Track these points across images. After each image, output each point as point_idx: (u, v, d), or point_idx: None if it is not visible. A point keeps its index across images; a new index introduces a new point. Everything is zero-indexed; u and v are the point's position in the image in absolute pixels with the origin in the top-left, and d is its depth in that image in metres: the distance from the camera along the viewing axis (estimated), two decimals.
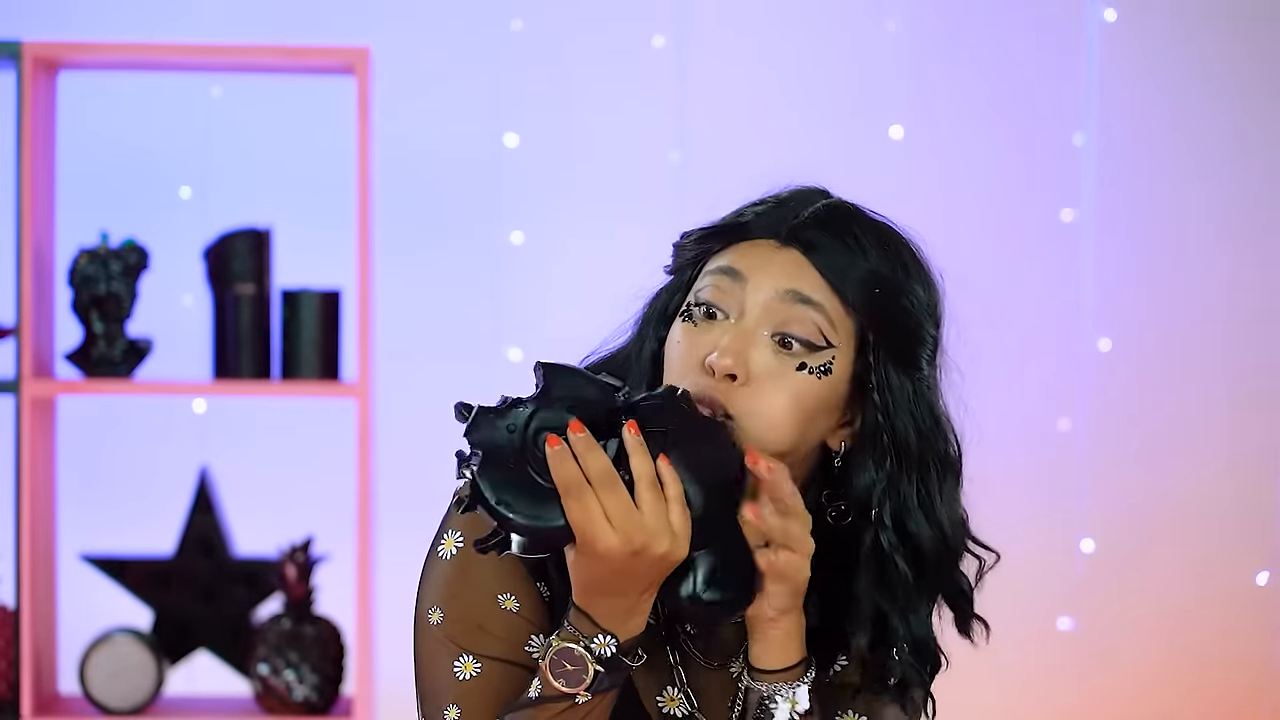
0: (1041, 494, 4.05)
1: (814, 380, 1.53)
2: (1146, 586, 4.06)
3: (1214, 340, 4.08)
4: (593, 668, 1.46)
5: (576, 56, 4.01)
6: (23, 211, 3.11)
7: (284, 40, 3.63)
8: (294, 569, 3.17)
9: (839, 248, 1.56)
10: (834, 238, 1.56)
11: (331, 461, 3.60)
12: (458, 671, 1.53)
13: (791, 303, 1.53)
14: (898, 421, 1.56)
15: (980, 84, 4.07)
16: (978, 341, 1.69)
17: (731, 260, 1.56)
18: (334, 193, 3.65)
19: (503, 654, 1.54)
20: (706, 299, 1.55)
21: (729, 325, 1.54)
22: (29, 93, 3.10)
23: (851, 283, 1.55)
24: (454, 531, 1.57)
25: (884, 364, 1.56)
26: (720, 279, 1.56)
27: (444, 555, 1.56)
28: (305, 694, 3.15)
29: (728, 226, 1.59)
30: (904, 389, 1.57)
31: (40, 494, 3.17)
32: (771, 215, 1.58)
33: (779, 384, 1.52)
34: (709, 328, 1.54)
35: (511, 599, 1.55)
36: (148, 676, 3.17)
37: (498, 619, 1.54)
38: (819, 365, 1.53)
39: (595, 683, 1.46)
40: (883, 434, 1.56)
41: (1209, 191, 4.08)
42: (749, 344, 1.53)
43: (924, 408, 1.58)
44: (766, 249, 1.56)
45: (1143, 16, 4.05)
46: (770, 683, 1.51)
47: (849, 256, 1.56)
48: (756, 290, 1.54)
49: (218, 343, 3.19)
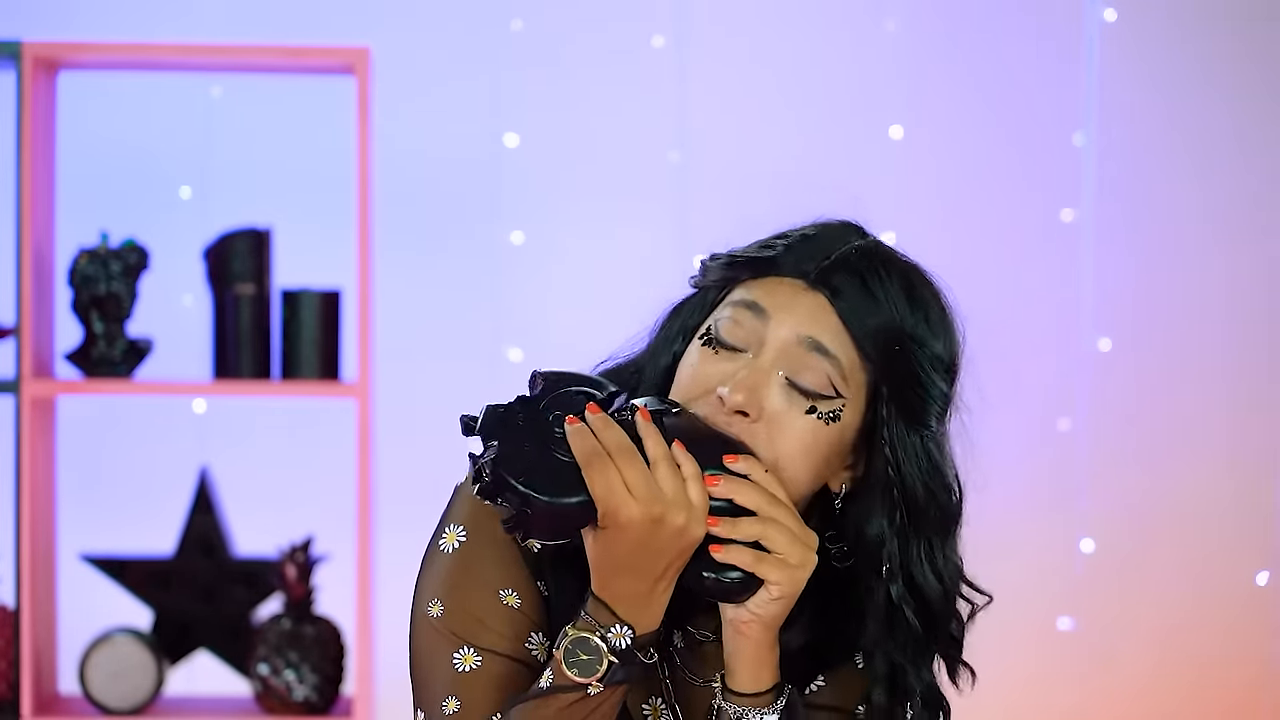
0: (1041, 494, 4.05)
1: (822, 425, 1.54)
2: (1146, 586, 4.06)
3: (1214, 340, 4.08)
4: (608, 659, 1.46)
5: (576, 56, 4.01)
6: (23, 211, 3.11)
7: (284, 40, 3.63)
8: (294, 569, 3.18)
9: (864, 297, 1.56)
10: (861, 285, 1.56)
11: (331, 461, 3.60)
12: (457, 663, 1.53)
13: (808, 350, 1.54)
14: (906, 475, 1.58)
15: (980, 84, 4.07)
16: (978, 341, 1.69)
17: (757, 296, 1.57)
18: (334, 193, 3.65)
19: (503, 648, 1.53)
20: (725, 335, 1.56)
21: (746, 360, 1.54)
22: (29, 93, 3.11)
23: (870, 334, 1.55)
24: (456, 525, 1.57)
25: (894, 418, 1.57)
26: (743, 313, 1.56)
27: (445, 549, 1.56)
28: (305, 694, 3.15)
29: (758, 259, 1.59)
30: (912, 444, 1.58)
31: (40, 494, 3.17)
32: (800, 253, 1.58)
33: (788, 425, 1.53)
34: (727, 358, 1.55)
35: (513, 594, 1.55)
36: (148, 676, 3.17)
37: (499, 613, 1.54)
38: (829, 411, 1.54)
39: (609, 674, 1.46)
40: (893, 487, 1.57)
41: (1209, 191, 4.08)
42: (763, 382, 1.53)
43: (930, 464, 1.59)
44: (793, 289, 1.57)
45: (1142, 17, 4.05)
46: (740, 705, 1.52)
47: (872, 306, 1.56)
48: (778, 329, 1.55)
49: (218, 343, 3.19)
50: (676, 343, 1.62)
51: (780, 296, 1.56)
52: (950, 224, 4.03)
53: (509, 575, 1.55)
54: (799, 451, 1.53)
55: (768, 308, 1.56)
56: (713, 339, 1.56)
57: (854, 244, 1.60)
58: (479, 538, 1.56)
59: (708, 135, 3.95)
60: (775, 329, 1.55)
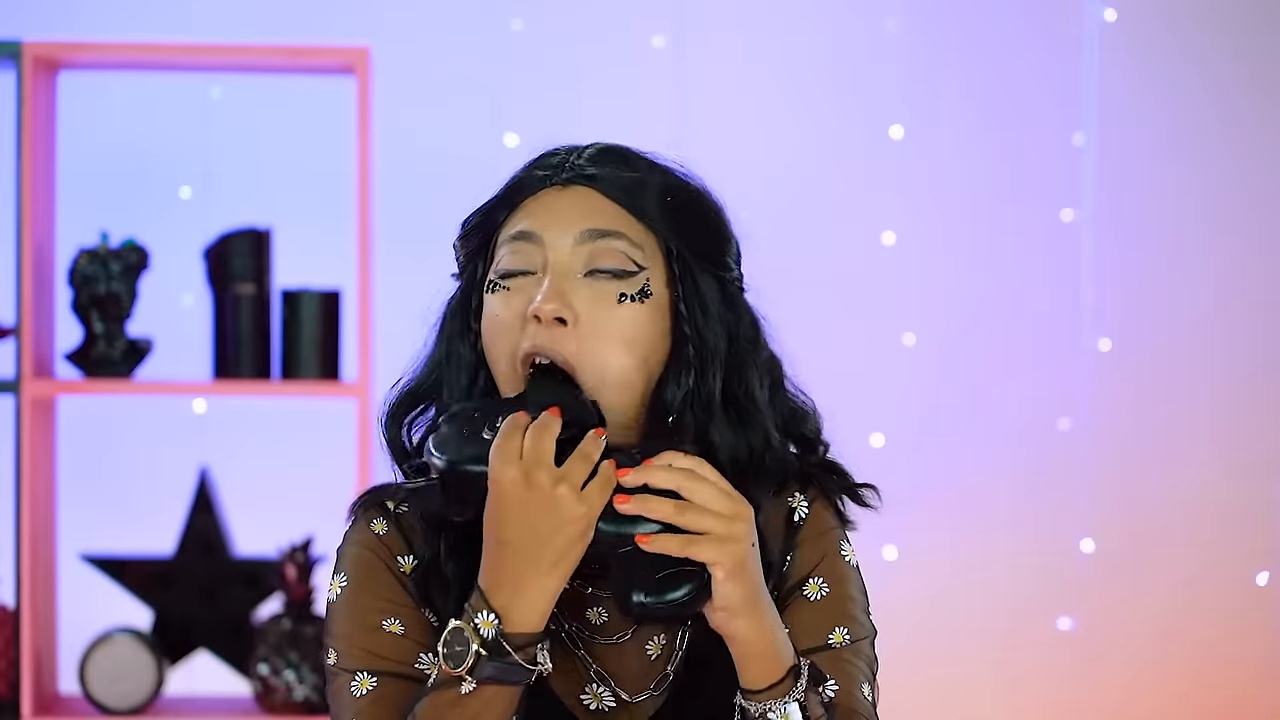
0: (1041, 494, 4.05)
1: (637, 306, 1.54)
2: (1146, 586, 4.06)
3: (1213, 340, 4.08)
4: (474, 646, 1.45)
5: (577, 56, 4.01)
6: (23, 211, 3.11)
7: (284, 40, 3.63)
8: (294, 569, 3.18)
9: (621, 172, 1.57)
10: (613, 166, 1.57)
11: (331, 461, 3.59)
12: (354, 689, 1.55)
13: (592, 240, 1.54)
14: (705, 329, 1.56)
15: (980, 84, 4.07)
16: (978, 341, 1.69)
17: (521, 225, 1.57)
18: (334, 193, 3.65)
19: (394, 670, 1.55)
20: (508, 267, 1.56)
21: (539, 279, 1.54)
22: (29, 93, 3.11)
23: (643, 198, 1.56)
24: (338, 575, 1.61)
25: (691, 270, 1.57)
26: (516, 245, 1.56)
27: (331, 599, 1.61)
28: (305, 694, 3.15)
29: (502, 195, 1.60)
30: (714, 292, 1.57)
31: (40, 494, 3.17)
32: (544, 167, 1.59)
33: (606, 319, 1.53)
34: (520, 287, 1.55)
35: (395, 622, 1.57)
36: (148, 676, 3.17)
37: (384, 640, 1.56)
38: (636, 291, 1.54)
39: (477, 667, 1.45)
40: (689, 344, 1.55)
41: (1208, 191, 4.08)
42: (566, 285, 1.53)
43: (735, 307, 1.59)
44: (551, 196, 1.57)
45: (1142, 17, 4.05)
46: (758, 702, 1.49)
47: (633, 174, 1.57)
48: (555, 240, 1.55)
49: (218, 343, 3.19)
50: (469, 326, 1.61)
51: (543, 212, 1.57)
52: (950, 224, 4.03)
53: (389, 607, 1.58)
54: (623, 342, 1.53)
55: (535, 227, 1.56)
56: (497, 279, 1.56)
57: (585, 147, 1.60)
58: (355, 580, 1.59)
59: (708, 135, 3.95)
60: (554, 239, 1.55)
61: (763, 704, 1.49)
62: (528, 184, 1.59)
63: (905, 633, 3.82)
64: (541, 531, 1.45)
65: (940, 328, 3.99)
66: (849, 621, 1.60)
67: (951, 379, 3.99)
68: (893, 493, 1.72)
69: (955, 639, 4.05)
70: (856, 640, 1.60)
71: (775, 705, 1.48)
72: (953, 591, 4.04)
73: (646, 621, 1.56)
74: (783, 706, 1.48)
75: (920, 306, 3.98)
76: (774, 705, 1.48)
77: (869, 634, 1.63)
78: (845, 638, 1.59)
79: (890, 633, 1.96)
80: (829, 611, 1.60)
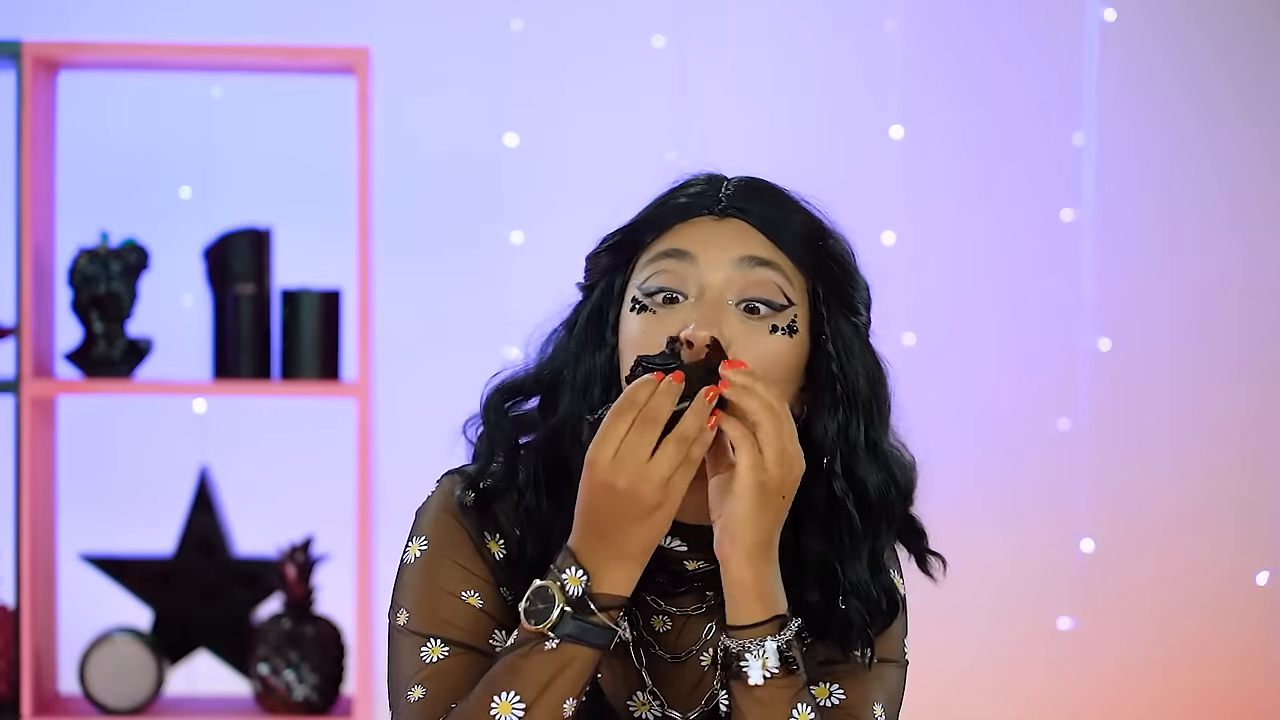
0: (1041, 494, 4.05)
1: (786, 340, 1.55)
2: (1146, 586, 4.06)
3: (1213, 340, 4.08)
4: (560, 604, 1.46)
5: (577, 56, 4.01)
6: (23, 211, 3.11)
7: (284, 40, 3.63)
8: (294, 569, 3.18)
9: (773, 208, 1.58)
10: (764, 201, 1.58)
11: (331, 461, 3.60)
12: (424, 655, 1.55)
13: (750, 268, 1.55)
14: (849, 369, 1.58)
15: (980, 84, 4.07)
16: (978, 341, 1.70)
17: (674, 243, 1.57)
18: (334, 193, 3.65)
19: (468, 641, 1.56)
20: (660, 284, 1.56)
21: (691, 305, 1.55)
22: (29, 93, 3.11)
23: (794, 238, 1.57)
24: (418, 538, 1.61)
25: (834, 313, 1.58)
26: (667, 263, 1.56)
27: (409, 560, 1.60)
28: (305, 694, 3.15)
29: (654, 216, 1.60)
30: (853, 335, 1.59)
31: (40, 494, 3.17)
32: (693, 196, 1.59)
33: (753, 349, 1.53)
34: (669, 313, 1.55)
35: (475, 595, 1.57)
36: (148, 676, 3.17)
37: (461, 611, 1.57)
38: (786, 324, 1.55)
39: (561, 623, 1.46)
40: (836, 384, 1.57)
41: (1208, 191, 4.08)
42: (719, 313, 1.54)
43: (869, 351, 1.61)
44: (706, 224, 1.58)
45: (1142, 17, 4.05)
46: (739, 639, 1.50)
47: (784, 214, 1.58)
48: (711, 264, 1.55)
49: (218, 343, 3.19)
50: (601, 339, 1.61)
51: (698, 235, 1.57)
52: (950, 224, 4.03)
53: (469, 579, 1.58)
54: (770, 374, 1.53)
55: (691, 249, 1.56)
56: (646, 297, 1.56)
57: (732, 178, 1.62)
58: (439, 547, 1.59)
59: (707, 135, 3.95)
60: (708, 264, 1.55)
61: (741, 641, 1.49)
62: (681, 210, 1.59)
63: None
64: (628, 525, 1.47)
65: (940, 328, 3.99)
66: (882, 644, 1.61)
67: (951, 379, 3.99)
68: None
69: (955, 638, 4.04)
70: (883, 661, 1.61)
71: (754, 645, 1.49)
72: (953, 591, 4.04)
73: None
74: (760, 647, 1.49)
75: (920, 306, 3.98)
76: (752, 645, 1.49)
77: (897, 660, 1.63)
78: (870, 656, 1.60)
79: None
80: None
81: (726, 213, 1.57)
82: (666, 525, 1.47)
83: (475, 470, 1.62)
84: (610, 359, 1.60)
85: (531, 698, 1.46)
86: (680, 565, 1.59)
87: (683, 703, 1.61)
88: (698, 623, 1.62)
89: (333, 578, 3.32)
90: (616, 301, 1.60)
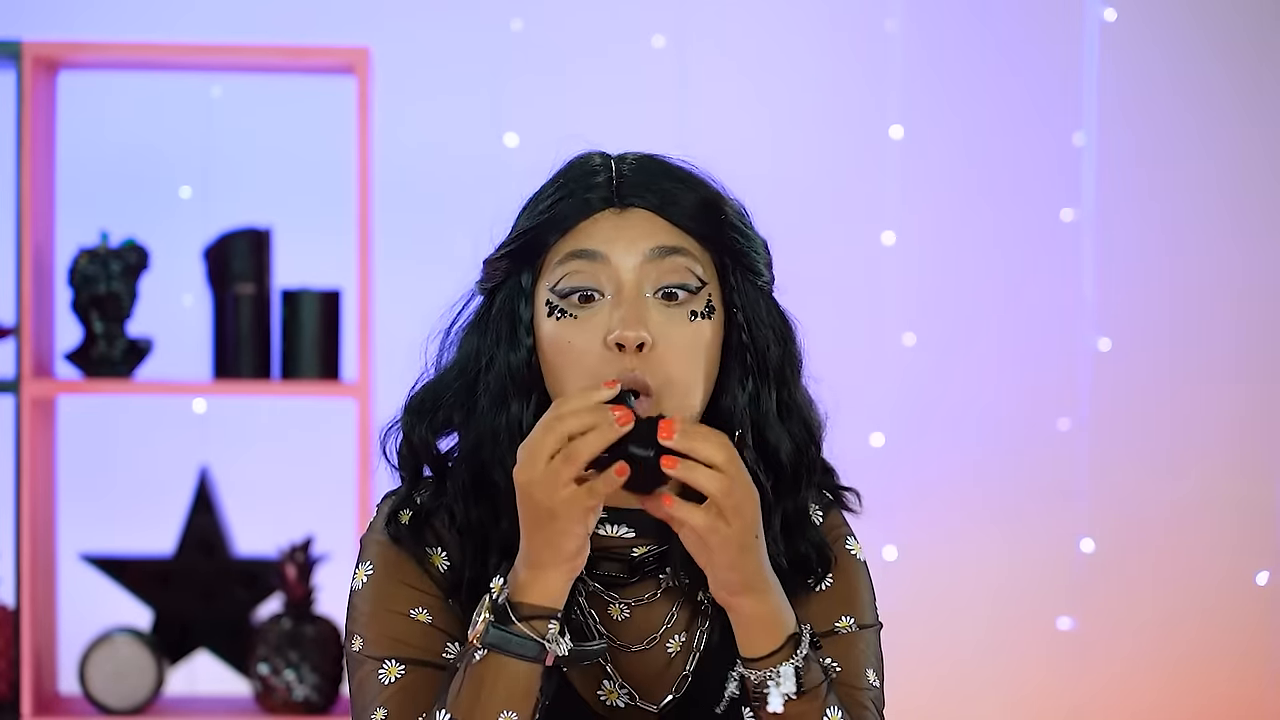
0: (1041, 494, 4.05)
1: (706, 324, 1.55)
2: (1146, 586, 4.06)
3: (1213, 340, 4.08)
4: (484, 612, 1.47)
5: (577, 56, 4.01)
6: (23, 211, 3.11)
7: (284, 40, 3.63)
8: (294, 569, 3.18)
9: (668, 191, 1.58)
10: (659, 185, 1.59)
11: (331, 461, 3.59)
12: (382, 677, 1.56)
13: (661, 257, 1.55)
14: (758, 336, 1.58)
15: (980, 84, 4.07)
16: (978, 341, 1.70)
17: (581, 243, 1.57)
18: (334, 193, 3.65)
19: (423, 658, 1.57)
20: (574, 285, 1.56)
21: (606, 303, 1.55)
22: (29, 93, 3.11)
23: (695, 217, 1.57)
24: (364, 563, 1.62)
25: (741, 281, 1.58)
26: (577, 263, 1.56)
27: (356, 587, 1.62)
28: (305, 694, 3.15)
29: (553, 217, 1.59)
30: (759, 298, 1.59)
31: (40, 494, 3.17)
32: (586, 190, 1.59)
33: (680, 340, 1.54)
34: (590, 313, 1.55)
35: (424, 612, 1.59)
36: (148, 676, 3.17)
37: (412, 629, 1.58)
38: (704, 308, 1.56)
39: (485, 633, 1.47)
40: (746, 353, 1.58)
41: (1208, 191, 4.08)
42: (641, 310, 1.54)
43: (776, 313, 1.61)
44: (609, 219, 1.58)
45: (1142, 17, 4.05)
46: (757, 670, 1.51)
47: (680, 194, 1.59)
48: (623, 259, 1.55)
49: (218, 343, 3.19)
50: (514, 339, 1.60)
51: (604, 232, 1.57)
52: (950, 224, 4.03)
53: (417, 597, 1.59)
54: (694, 360, 1.54)
55: (599, 247, 1.56)
56: (562, 299, 1.56)
57: (623, 160, 1.62)
58: (384, 570, 1.60)
59: (708, 135, 3.95)
60: (620, 259, 1.55)
61: (762, 671, 1.51)
62: (582, 206, 1.58)
63: (905, 632, 3.82)
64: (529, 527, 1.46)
65: (940, 328, 3.99)
66: (855, 610, 1.63)
67: (951, 379, 3.99)
68: (893, 493, 1.73)
69: (955, 639, 4.05)
70: (863, 628, 1.63)
71: (773, 671, 1.50)
72: (953, 591, 4.04)
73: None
74: (777, 673, 1.50)
75: (920, 306, 3.98)
76: (772, 672, 1.50)
77: (874, 624, 1.65)
78: (851, 624, 1.63)
79: (890, 632, 1.96)
80: (835, 601, 1.63)
81: (627, 203, 1.57)
82: (572, 541, 1.46)
83: (406, 490, 1.64)
84: (529, 360, 1.59)
85: (463, 712, 1.47)
86: (628, 553, 1.59)
87: (651, 691, 1.62)
88: (659, 608, 1.62)
89: (333, 578, 3.32)
90: (528, 301, 1.60)
